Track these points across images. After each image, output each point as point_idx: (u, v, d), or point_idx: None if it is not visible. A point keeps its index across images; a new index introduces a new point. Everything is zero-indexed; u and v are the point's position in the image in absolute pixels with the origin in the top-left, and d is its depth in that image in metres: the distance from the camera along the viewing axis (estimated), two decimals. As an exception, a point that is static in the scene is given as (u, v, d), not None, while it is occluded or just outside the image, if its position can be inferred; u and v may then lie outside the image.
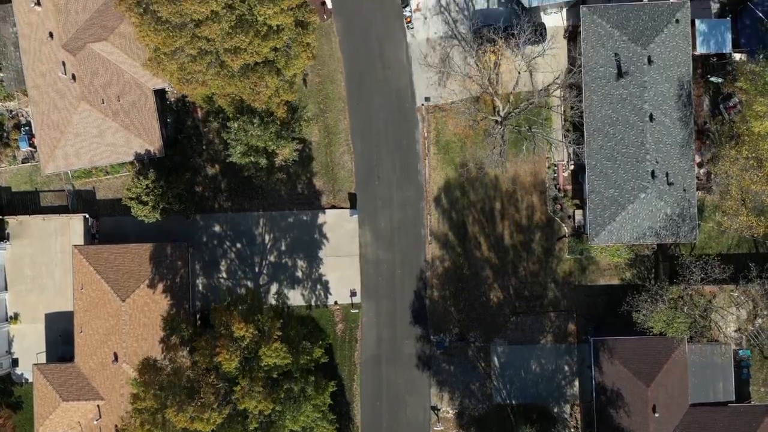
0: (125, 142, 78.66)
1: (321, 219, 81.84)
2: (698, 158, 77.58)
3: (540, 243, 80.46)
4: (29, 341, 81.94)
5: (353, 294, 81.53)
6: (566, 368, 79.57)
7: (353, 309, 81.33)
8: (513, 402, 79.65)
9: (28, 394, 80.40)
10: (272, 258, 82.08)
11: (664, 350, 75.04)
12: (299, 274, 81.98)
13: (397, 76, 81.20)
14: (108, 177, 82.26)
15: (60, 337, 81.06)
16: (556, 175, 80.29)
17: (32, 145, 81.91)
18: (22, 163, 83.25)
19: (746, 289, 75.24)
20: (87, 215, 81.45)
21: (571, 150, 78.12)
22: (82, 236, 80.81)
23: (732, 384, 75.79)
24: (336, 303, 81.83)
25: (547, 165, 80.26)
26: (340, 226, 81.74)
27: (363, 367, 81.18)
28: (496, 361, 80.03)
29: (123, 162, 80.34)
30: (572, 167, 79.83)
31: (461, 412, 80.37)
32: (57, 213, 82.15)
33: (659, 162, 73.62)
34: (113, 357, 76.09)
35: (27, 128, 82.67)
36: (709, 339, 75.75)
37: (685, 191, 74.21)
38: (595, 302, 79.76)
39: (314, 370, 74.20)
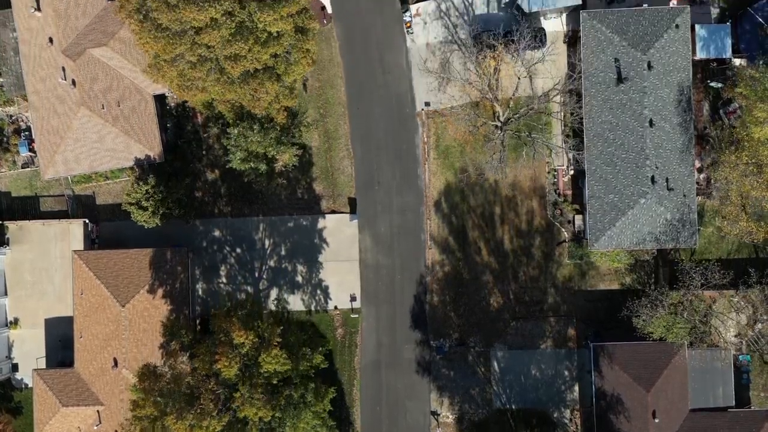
0: (125, 147, 78.68)
1: (321, 224, 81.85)
2: (698, 163, 77.60)
3: (540, 248, 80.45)
4: (29, 346, 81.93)
5: (353, 299, 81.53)
6: (566, 373, 79.58)
7: (353, 314, 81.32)
8: (513, 407, 79.65)
9: (28, 399, 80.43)
10: (272, 263, 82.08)
11: (664, 355, 75.05)
12: (299, 279, 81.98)
13: (397, 81, 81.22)
14: (108, 182, 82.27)
15: (60, 342, 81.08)
16: (556, 180, 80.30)
17: (32, 150, 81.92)
18: (22, 168, 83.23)
19: (746, 295, 75.14)
20: (87, 220, 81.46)
21: (571, 155, 78.18)
22: (82, 241, 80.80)
23: (732, 389, 75.80)
24: (336, 308, 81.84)
25: (547, 170, 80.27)
26: (340, 231, 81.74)
27: (363, 372, 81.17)
28: (496, 366, 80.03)
29: (123, 167, 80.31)
30: (572, 172, 79.85)
31: (461, 417, 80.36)
32: (57, 218, 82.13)
33: (659, 167, 73.65)
34: (113, 362, 76.10)
35: (27, 133, 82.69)
36: (709, 344, 75.64)
37: (685, 196, 74.23)
38: (595, 307, 79.76)
39: (314, 377, 74.14)
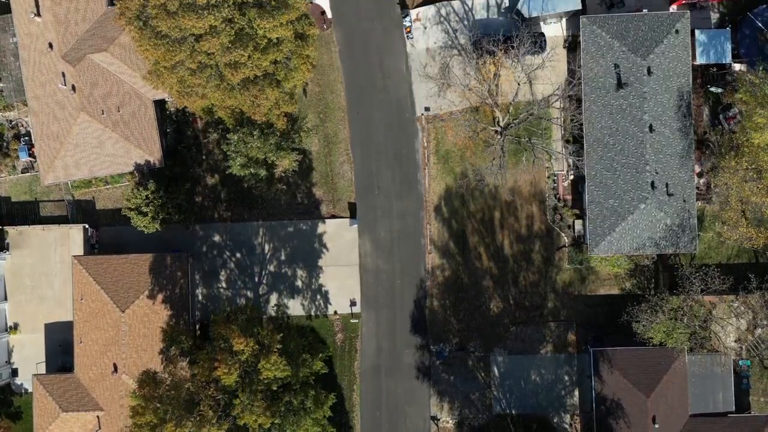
0: (125, 153, 78.66)
1: (321, 228, 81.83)
2: (698, 168, 77.59)
3: (540, 253, 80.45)
4: (29, 351, 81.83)
5: (353, 304, 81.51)
6: (566, 378, 79.54)
7: (353, 319, 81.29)
8: (513, 412, 79.61)
9: (28, 405, 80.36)
10: (272, 268, 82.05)
11: (664, 361, 75.05)
12: (299, 284, 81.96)
13: (397, 86, 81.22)
14: (108, 187, 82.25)
15: (59, 347, 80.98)
16: (556, 185, 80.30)
17: (32, 155, 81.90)
18: (22, 173, 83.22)
19: (746, 300, 75.20)
20: (86, 225, 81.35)
21: (571, 160, 78.19)
22: (82, 246, 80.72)
23: (732, 394, 75.84)
24: (336, 313, 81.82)
25: (547, 175, 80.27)
26: (340, 236, 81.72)
27: (362, 377, 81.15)
28: (496, 371, 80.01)
29: (123, 172, 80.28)
30: (572, 177, 79.85)
31: (461, 422, 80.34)
32: (57, 223, 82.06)
33: (659, 172, 73.65)
34: (113, 368, 76.05)
35: (27, 138, 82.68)
36: (709, 349, 75.77)
37: (685, 202, 74.25)
38: (595, 312, 79.76)
39: (314, 384, 74.07)
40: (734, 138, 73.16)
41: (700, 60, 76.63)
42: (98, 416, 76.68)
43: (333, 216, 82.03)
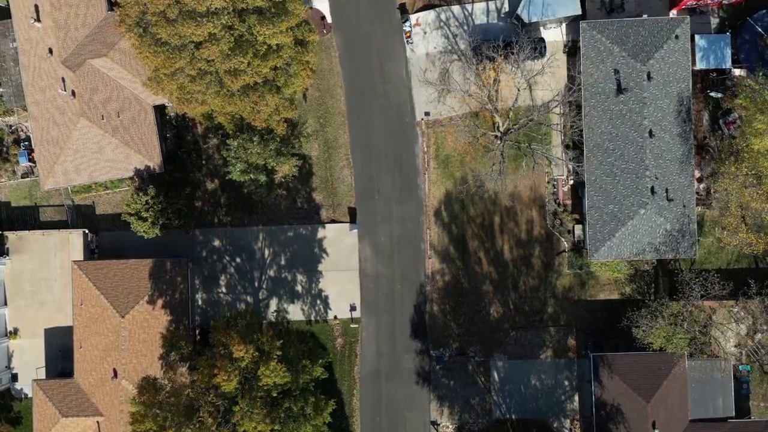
0: (125, 158, 78.65)
1: (321, 233, 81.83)
2: (698, 173, 77.60)
3: (539, 258, 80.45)
4: (28, 356, 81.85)
5: (353, 308, 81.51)
6: (566, 383, 79.56)
7: (353, 324, 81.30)
8: (513, 417, 79.63)
9: (28, 410, 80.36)
10: (272, 272, 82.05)
11: (664, 366, 75.04)
12: (299, 289, 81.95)
13: (397, 91, 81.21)
14: (107, 192, 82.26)
15: (59, 353, 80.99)
16: (556, 190, 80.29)
17: (32, 160, 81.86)
18: (22, 178, 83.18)
19: (746, 305, 75.16)
20: (86, 230, 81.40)
21: (571, 166, 78.18)
22: (82, 251, 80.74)
23: (732, 399, 75.83)
24: (335, 317, 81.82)
25: (547, 180, 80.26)
26: (340, 241, 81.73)
27: (362, 382, 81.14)
28: (496, 376, 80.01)
29: (123, 177, 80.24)
30: (572, 182, 79.84)
31: (461, 427, 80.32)
32: (56, 228, 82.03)
33: (659, 178, 73.64)
34: (113, 373, 76.05)
35: (26, 143, 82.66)
36: (709, 354, 75.67)
37: (685, 207, 74.23)
38: (595, 317, 79.76)
39: (314, 390, 73.96)
40: (734, 143, 73.09)
41: (700, 65, 76.61)
42: (98, 421, 76.69)
43: (333, 221, 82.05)
